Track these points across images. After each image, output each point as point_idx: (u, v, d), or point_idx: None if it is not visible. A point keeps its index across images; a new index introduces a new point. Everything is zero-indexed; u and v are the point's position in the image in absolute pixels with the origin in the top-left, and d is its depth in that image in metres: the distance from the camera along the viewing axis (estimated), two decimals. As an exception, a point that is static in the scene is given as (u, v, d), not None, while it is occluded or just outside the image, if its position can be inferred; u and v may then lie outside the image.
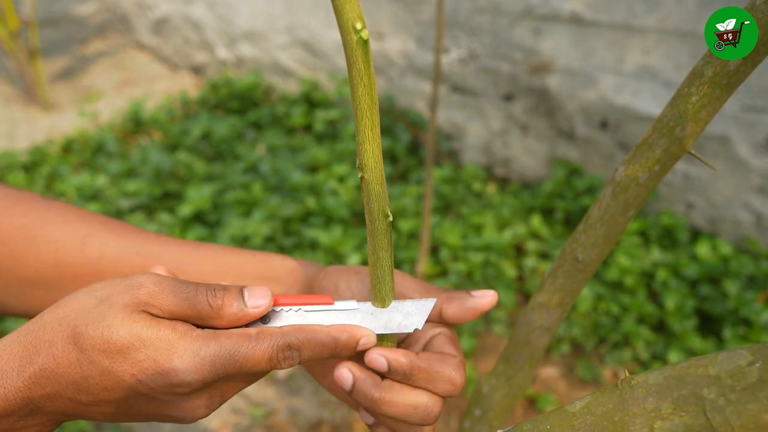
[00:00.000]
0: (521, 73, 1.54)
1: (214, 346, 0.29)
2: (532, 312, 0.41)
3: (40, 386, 0.28)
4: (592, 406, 0.27)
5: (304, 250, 1.45)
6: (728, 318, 1.17)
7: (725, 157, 1.29)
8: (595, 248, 0.37)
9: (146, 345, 0.28)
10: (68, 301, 0.30)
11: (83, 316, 0.28)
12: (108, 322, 0.28)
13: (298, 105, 2.03)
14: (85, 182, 1.67)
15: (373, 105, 0.26)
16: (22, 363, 0.28)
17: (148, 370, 0.28)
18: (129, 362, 0.28)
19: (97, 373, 0.28)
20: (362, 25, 0.24)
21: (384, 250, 0.31)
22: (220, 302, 0.30)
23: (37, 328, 0.29)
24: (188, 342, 0.28)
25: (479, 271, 1.33)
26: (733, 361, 0.24)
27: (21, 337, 0.29)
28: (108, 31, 2.95)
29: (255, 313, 0.30)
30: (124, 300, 0.29)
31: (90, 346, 0.28)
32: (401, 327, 0.33)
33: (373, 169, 0.28)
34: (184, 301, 0.29)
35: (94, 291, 0.30)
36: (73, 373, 0.28)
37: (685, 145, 0.33)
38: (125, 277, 0.30)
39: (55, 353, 0.28)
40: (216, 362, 0.29)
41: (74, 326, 0.28)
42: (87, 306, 0.29)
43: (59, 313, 0.29)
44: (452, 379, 0.33)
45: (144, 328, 0.28)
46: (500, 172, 1.70)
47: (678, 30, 1.28)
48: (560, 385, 1.19)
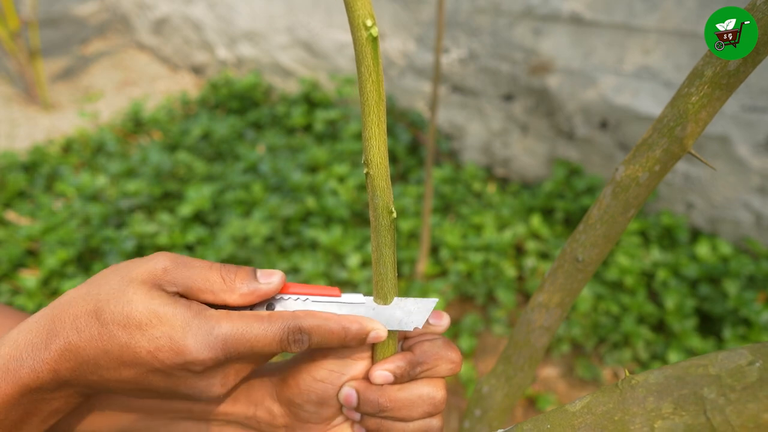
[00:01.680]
0: (521, 73, 1.53)
1: (227, 326, 0.30)
2: (532, 312, 0.41)
3: (66, 359, 0.29)
4: (592, 406, 0.27)
5: (304, 251, 1.44)
6: (728, 318, 1.16)
7: (725, 157, 1.29)
8: (595, 248, 0.37)
9: (162, 322, 0.29)
10: (95, 279, 0.31)
11: (105, 291, 0.30)
12: (128, 298, 0.29)
13: (298, 105, 2.02)
14: (85, 182, 1.67)
15: (380, 101, 0.27)
16: (49, 336, 0.29)
17: (163, 347, 0.29)
18: (146, 338, 0.29)
19: (116, 347, 0.29)
20: (372, 22, 0.24)
21: (387, 246, 0.31)
22: (233, 276, 0.31)
23: (63, 303, 0.30)
24: (202, 321, 0.29)
25: (479, 271, 1.32)
26: (734, 361, 0.24)
27: (48, 311, 0.30)
28: (108, 31, 2.94)
29: (266, 289, 0.31)
30: (143, 277, 0.30)
31: (110, 320, 0.29)
32: (402, 325, 0.33)
33: (379, 165, 0.28)
34: (198, 274, 0.31)
35: (118, 269, 0.31)
36: (94, 347, 0.29)
37: (685, 145, 0.33)
38: (140, 258, 0.32)
39: (79, 327, 0.29)
40: (228, 341, 0.29)
41: (97, 301, 0.29)
42: (110, 282, 0.30)
43: (84, 289, 0.30)
44: (450, 357, 0.34)
45: (161, 305, 0.29)
46: (500, 172, 1.69)
47: (678, 30, 1.27)
48: (560, 385, 1.19)
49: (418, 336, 0.35)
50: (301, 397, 0.35)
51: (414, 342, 0.35)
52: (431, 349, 0.34)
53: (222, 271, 0.31)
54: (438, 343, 0.35)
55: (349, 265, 1.35)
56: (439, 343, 0.34)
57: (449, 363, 0.34)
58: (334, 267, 1.37)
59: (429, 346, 0.34)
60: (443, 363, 0.34)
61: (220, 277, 0.31)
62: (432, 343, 0.34)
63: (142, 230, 1.46)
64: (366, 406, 0.34)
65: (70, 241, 1.46)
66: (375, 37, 0.25)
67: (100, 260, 1.47)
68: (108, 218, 1.57)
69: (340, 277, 1.34)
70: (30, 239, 1.50)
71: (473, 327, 1.25)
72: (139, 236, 1.46)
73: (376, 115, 0.27)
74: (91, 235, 1.49)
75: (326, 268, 1.36)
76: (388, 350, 0.34)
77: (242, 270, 0.32)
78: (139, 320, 0.29)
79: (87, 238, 1.48)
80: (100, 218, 1.54)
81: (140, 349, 0.29)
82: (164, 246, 1.47)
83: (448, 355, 0.34)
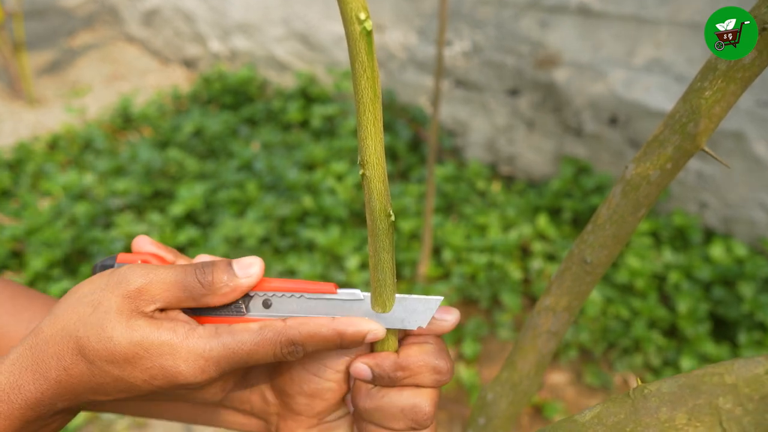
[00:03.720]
0: (527, 67, 1.50)
1: (217, 346, 0.29)
2: (538, 316, 0.40)
3: (59, 396, 0.29)
4: (602, 416, 0.27)
5: (300, 252, 1.41)
6: (743, 322, 1.15)
7: (740, 155, 1.26)
8: (604, 249, 0.36)
9: (150, 353, 0.29)
10: (62, 311, 0.30)
11: (82, 327, 0.29)
12: (107, 335, 0.29)
13: (295, 100, 2.00)
14: (72, 181, 1.64)
15: (375, 99, 0.26)
16: (36, 378, 0.29)
17: (157, 376, 0.29)
18: (138, 369, 0.29)
19: (110, 380, 0.29)
20: (366, 15, 0.24)
21: (386, 251, 0.30)
22: (210, 278, 0.30)
23: (40, 343, 0.29)
24: (191, 344, 0.29)
25: (483, 273, 1.30)
26: (751, 369, 0.23)
27: (27, 352, 0.30)
28: (96, 23, 2.88)
29: (247, 283, 0.31)
30: (117, 304, 0.29)
31: (97, 357, 0.29)
32: (405, 323, 0.32)
33: (375, 165, 0.28)
34: (174, 286, 0.30)
35: (84, 297, 0.30)
36: (87, 381, 0.29)
37: (698, 142, 0.32)
38: (111, 272, 0.30)
39: (66, 366, 0.29)
40: (221, 361, 0.30)
41: (77, 338, 0.29)
42: (82, 315, 0.29)
43: (58, 324, 0.29)
44: (436, 366, 0.32)
45: (144, 335, 0.29)
46: (505, 170, 1.67)
47: (690, 22, 1.24)
48: (568, 392, 1.16)
49: (413, 336, 0.34)
50: (293, 388, 0.34)
51: (405, 343, 0.33)
52: (417, 354, 0.32)
53: (197, 274, 0.30)
54: (427, 348, 0.32)
55: (347, 267, 1.32)
56: (428, 348, 0.32)
57: (434, 373, 0.32)
58: (332, 269, 1.34)
59: (416, 351, 0.32)
60: (428, 372, 0.32)
61: (197, 282, 0.30)
62: (420, 348, 0.32)
63: (131, 231, 1.43)
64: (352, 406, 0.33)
65: (56, 242, 1.44)
66: (369, 31, 0.24)
67: (87, 262, 1.43)
68: (96, 218, 1.54)
69: (339, 279, 1.32)
70: (14, 240, 1.48)
71: (477, 331, 1.23)
72: (128, 237, 1.43)
73: (372, 114, 0.26)
74: (78, 235, 1.47)
75: (324, 270, 1.33)
76: (389, 347, 0.33)
77: (217, 266, 0.31)
78: (126, 355, 0.28)
79: (74, 238, 1.46)
80: (88, 218, 1.52)
81: (135, 379, 0.29)
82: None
83: (435, 364, 0.32)
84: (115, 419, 1.15)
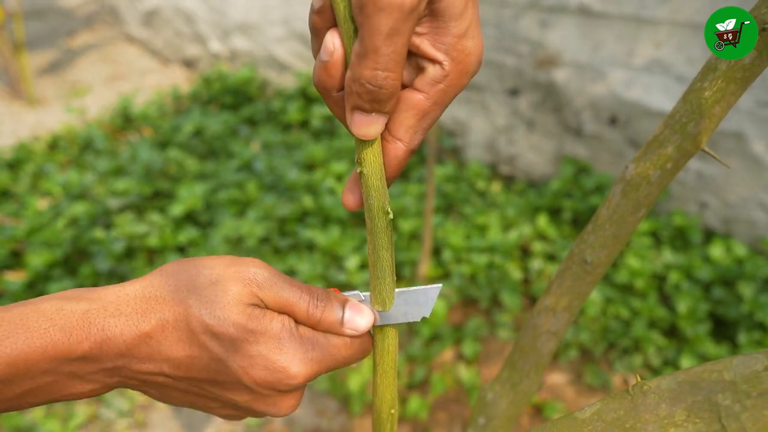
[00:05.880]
0: (527, 67, 1.50)
1: (319, 350, 0.31)
2: (538, 316, 0.40)
3: (138, 348, 0.29)
4: (602, 413, 0.27)
5: (300, 252, 1.41)
6: (743, 322, 1.15)
7: (740, 155, 1.26)
8: (604, 249, 0.36)
9: (258, 340, 0.29)
10: (178, 273, 0.30)
11: (195, 297, 0.29)
12: (220, 314, 0.29)
13: (295, 100, 2.00)
14: (72, 180, 1.64)
15: None
16: (141, 316, 0.29)
17: (258, 365, 0.29)
18: (240, 355, 0.29)
19: (207, 356, 0.29)
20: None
21: (384, 249, 0.30)
22: (318, 315, 0.31)
23: (151, 296, 0.29)
24: (296, 342, 0.30)
25: (483, 273, 1.30)
26: (749, 366, 0.24)
27: (141, 290, 0.30)
28: (96, 23, 2.89)
29: (349, 334, 0.32)
30: (237, 289, 0.29)
31: (203, 330, 0.29)
32: (408, 316, 0.33)
33: (373, 163, 0.28)
34: (286, 302, 0.31)
35: (204, 268, 0.30)
36: (177, 348, 0.29)
37: (698, 142, 0.32)
38: (234, 259, 0.31)
39: (165, 325, 0.29)
40: (322, 364, 0.31)
41: (187, 306, 0.29)
42: (198, 284, 0.29)
43: (171, 283, 0.30)
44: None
45: (255, 322, 0.29)
46: (505, 170, 1.66)
47: (690, 22, 1.24)
48: (568, 392, 1.16)
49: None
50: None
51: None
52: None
53: (311, 302, 0.31)
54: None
55: (347, 267, 1.32)
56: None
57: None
58: (332, 269, 1.34)
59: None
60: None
61: (305, 312, 0.31)
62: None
63: (131, 231, 1.43)
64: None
65: (56, 242, 1.44)
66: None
67: (87, 262, 1.43)
68: (96, 218, 1.54)
69: (339, 279, 1.31)
70: (14, 240, 1.48)
71: (477, 331, 1.23)
72: (128, 237, 1.43)
73: None
74: (79, 235, 1.47)
75: (324, 270, 1.33)
76: (390, 342, 0.34)
77: (330, 305, 0.31)
78: (234, 337, 0.29)
79: (74, 239, 1.46)
80: (88, 218, 1.51)
81: (233, 364, 0.29)
82: (154, 248, 1.43)
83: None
84: (115, 419, 1.15)
